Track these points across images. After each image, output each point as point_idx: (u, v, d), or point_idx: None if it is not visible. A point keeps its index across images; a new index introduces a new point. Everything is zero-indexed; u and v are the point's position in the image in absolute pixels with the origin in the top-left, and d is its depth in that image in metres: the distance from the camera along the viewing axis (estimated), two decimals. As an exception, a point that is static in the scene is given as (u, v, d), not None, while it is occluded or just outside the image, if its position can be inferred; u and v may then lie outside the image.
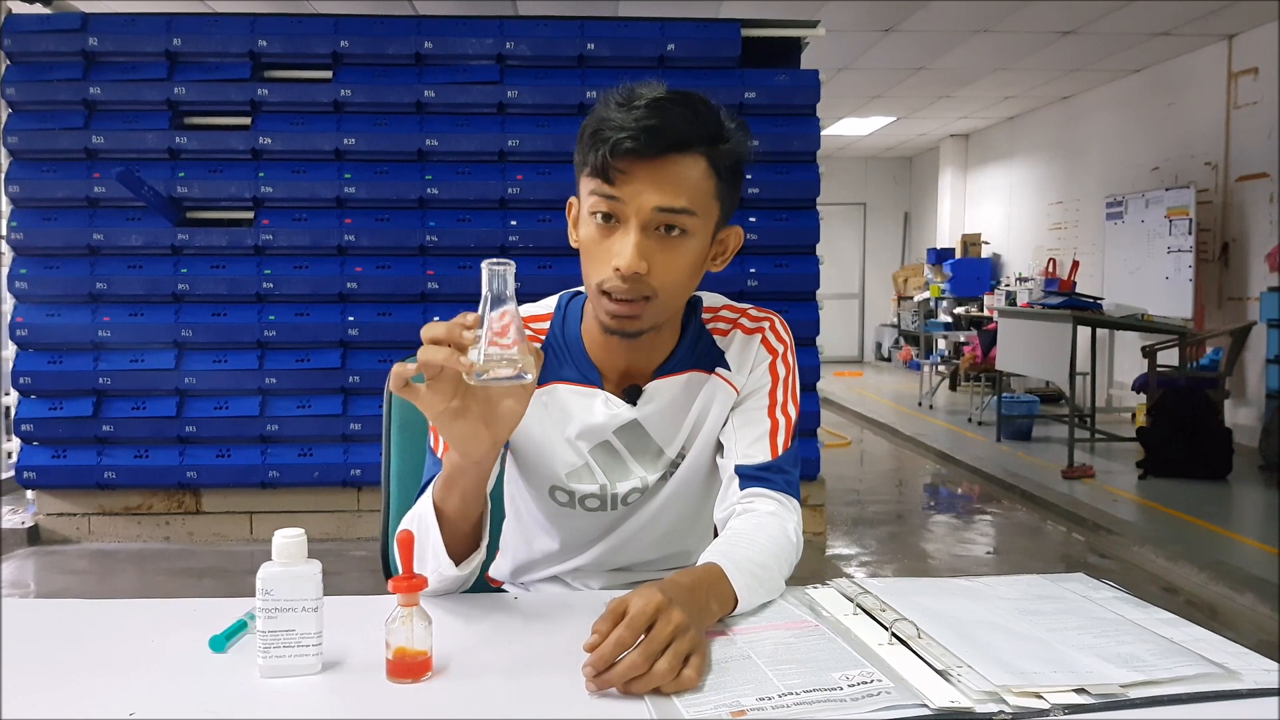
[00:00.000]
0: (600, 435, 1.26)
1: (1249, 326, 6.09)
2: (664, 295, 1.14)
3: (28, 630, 1.07)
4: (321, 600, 0.95)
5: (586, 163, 1.13)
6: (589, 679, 0.89)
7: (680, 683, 0.89)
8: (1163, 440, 5.50)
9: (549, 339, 1.27)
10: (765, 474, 1.23)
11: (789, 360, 1.30)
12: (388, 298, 4.50)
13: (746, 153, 1.18)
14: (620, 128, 1.08)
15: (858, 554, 4.52)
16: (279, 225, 4.47)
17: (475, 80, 4.49)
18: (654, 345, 1.25)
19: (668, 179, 1.10)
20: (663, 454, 1.28)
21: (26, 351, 4.43)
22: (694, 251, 1.15)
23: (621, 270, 1.10)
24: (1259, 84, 6.43)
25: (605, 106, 1.12)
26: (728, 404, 1.28)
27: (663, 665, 0.89)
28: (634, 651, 0.89)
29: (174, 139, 4.44)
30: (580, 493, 1.28)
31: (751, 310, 1.32)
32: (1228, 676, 0.91)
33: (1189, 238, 6.74)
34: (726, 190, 1.17)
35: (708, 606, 1.01)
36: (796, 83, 4.57)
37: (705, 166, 1.13)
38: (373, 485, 4.45)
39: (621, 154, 1.09)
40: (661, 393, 1.26)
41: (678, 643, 0.90)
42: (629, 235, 1.11)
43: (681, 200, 1.11)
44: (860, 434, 7.78)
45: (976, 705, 0.85)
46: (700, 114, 1.12)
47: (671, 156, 1.10)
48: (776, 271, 4.54)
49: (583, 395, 1.25)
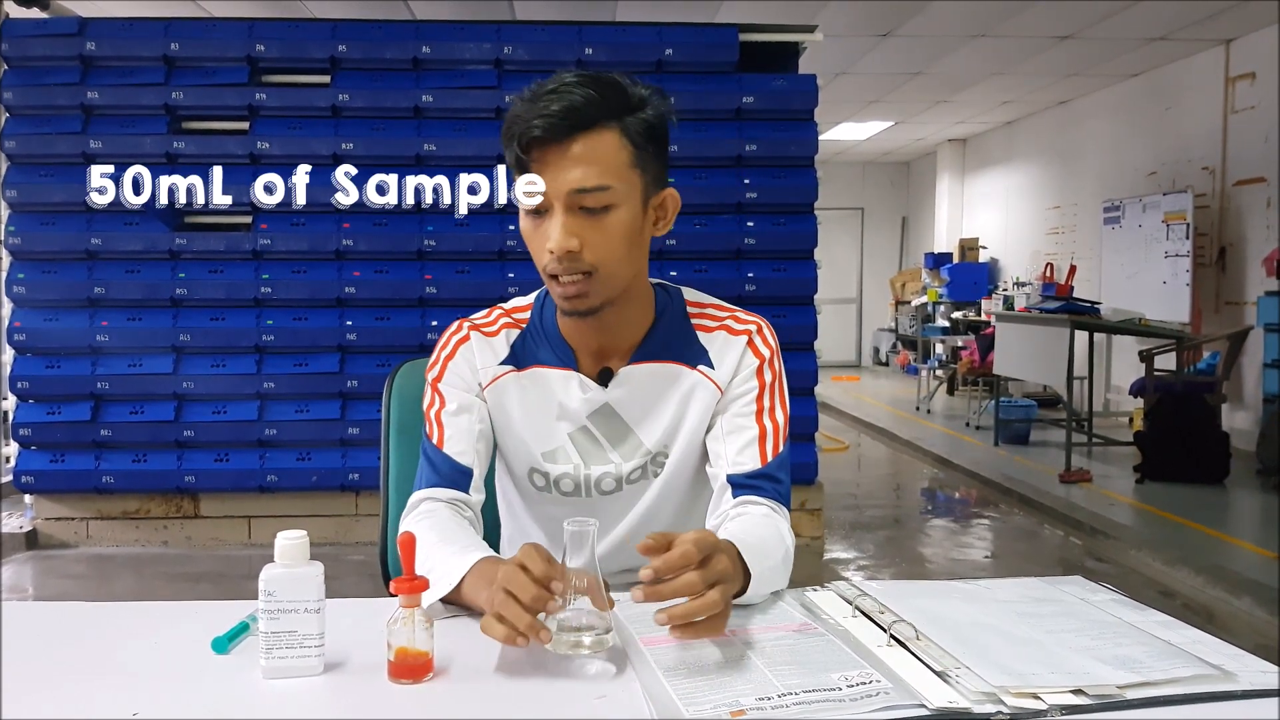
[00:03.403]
0: (577, 419, 1.28)
1: (1246, 331, 6.10)
2: (604, 268, 1.17)
3: (30, 633, 1.07)
4: (324, 601, 0.95)
5: (509, 161, 1.18)
6: (645, 590, 0.91)
7: (713, 624, 0.93)
8: (1160, 444, 5.50)
9: (529, 326, 1.32)
10: (756, 482, 1.25)
11: (776, 366, 1.31)
12: (386, 302, 4.51)
13: (662, 118, 1.20)
14: (527, 120, 1.13)
15: (855, 558, 4.52)
16: (277, 230, 4.47)
17: (473, 85, 4.50)
18: (622, 325, 1.27)
19: (579, 159, 1.13)
20: (641, 445, 1.29)
21: (24, 356, 4.42)
22: (624, 222, 1.17)
23: (554, 251, 1.14)
24: (1256, 89, 6.44)
25: (516, 103, 1.16)
26: (710, 403, 1.29)
27: (714, 595, 0.92)
28: (694, 573, 0.92)
29: (171, 143, 4.44)
30: (554, 474, 1.30)
31: (740, 313, 1.33)
32: (1224, 678, 0.92)
33: (1186, 242, 6.75)
34: (646, 157, 1.18)
35: (738, 574, 1.03)
36: (794, 87, 4.58)
37: (617, 139, 1.15)
38: (371, 489, 4.45)
39: (532, 144, 1.13)
40: (635, 377, 1.28)
41: (724, 585, 0.94)
42: (556, 218, 1.15)
43: (595, 178, 1.14)
44: (858, 438, 7.78)
45: (974, 706, 0.86)
46: (604, 90, 1.15)
47: (579, 137, 1.13)
48: (774, 276, 4.55)
49: (559, 377, 1.29)
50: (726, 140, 4.53)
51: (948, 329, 10.12)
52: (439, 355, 1.31)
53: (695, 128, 4.53)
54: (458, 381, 1.29)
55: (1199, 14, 6.08)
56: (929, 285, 10.88)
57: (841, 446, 7.29)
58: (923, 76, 7.90)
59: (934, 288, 10.65)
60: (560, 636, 0.93)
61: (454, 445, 1.26)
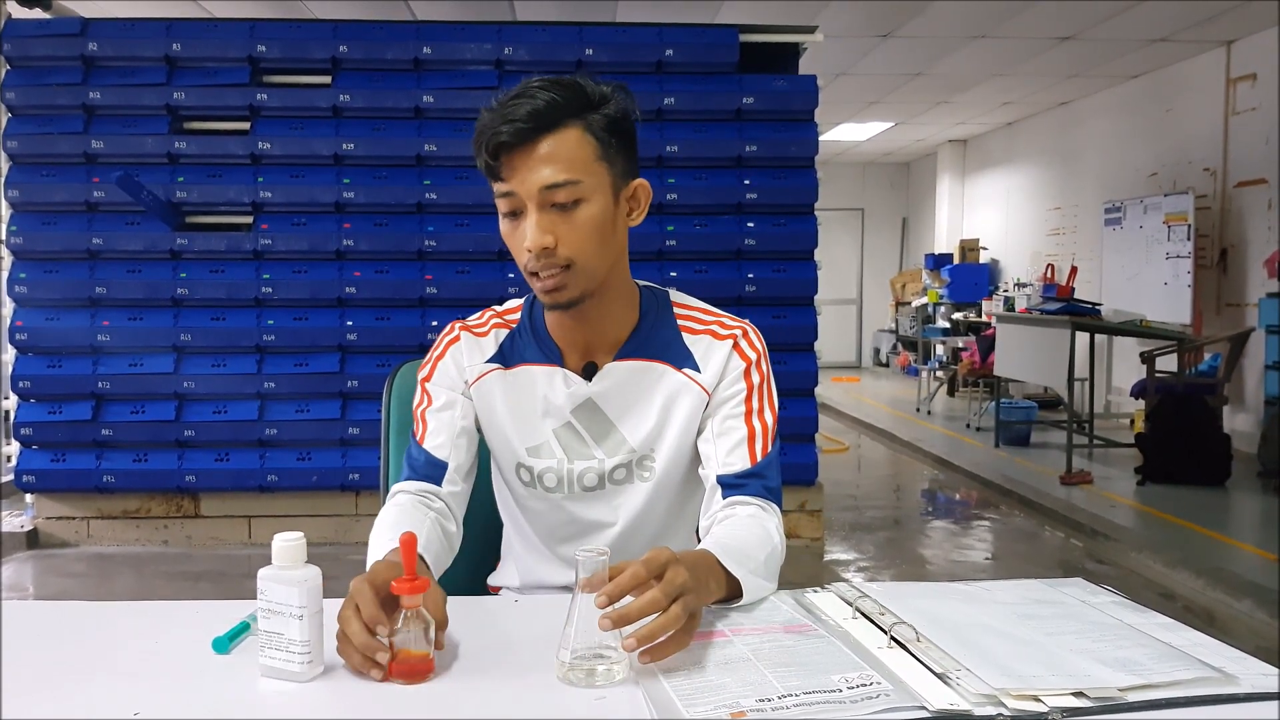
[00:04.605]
0: (561, 415, 1.31)
1: (1248, 332, 6.10)
2: (580, 260, 1.20)
3: (31, 632, 1.07)
4: (316, 607, 0.94)
5: (481, 169, 1.21)
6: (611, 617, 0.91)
7: (679, 640, 0.94)
8: (1161, 446, 5.50)
9: (518, 326, 1.35)
10: (745, 481, 1.26)
11: (763, 368, 1.32)
12: (386, 302, 4.51)
13: (625, 113, 1.23)
14: (493, 128, 1.16)
15: (855, 559, 4.52)
16: (278, 230, 4.48)
17: (474, 85, 4.50)
18: (605, 321, 1.29)
19: (546, 159, 1.17)
20: (625, 442, 1.31)
21: (26, 355, 4.43)
22: (595, 215, 1.20)
23: (530, 249, 1.18)
24: (1257, 90, 6.44)
25: (483, 113, 1.19)
26: (697, 407, 1.30)
27: (676, 609, 0.93)
28: (655, 589, 0.93)
29: (173, 144, 4.45)
30: (538, 469, 1.32)
31: (726, 318, 1.35)
32: (1225, 680, 0.92)
33: (1187, 243, 6.75)
34: (612, 151, 1.21)
35: (706, 583, 1.04)
36: (794, 88, 4.58)
37: (579, 135, 1.18)
38: (371, 489, 4.45)
39: (500, 150, 1.17)
40: (619, 373, 1.30)
41: (686, 597, 0.94)
42: (530, 217, 1.18)
43: (563, 174, 1.17)
44: (858, 439, 7.78)
45: (975, 708, 0.85)
46: (564, 91, 1.18)
47: (543, 138, 1.16)
48: (774, 276, 4.55)
49: (545, 373, 1.31)
50: (727, 141, 4.53)
51: (948, 330, 10.11)
52: (431, 357, 1.35)
53: (695, 128, 4.53)
54: (444, 380, 1.33)
55: (1200, 15, 6.08)
56: (929, 286, 10.87)
57: (841, 447, 7.29)
58: (923, 77, 7.90)
59: (934, 289, 10.64)
60: (575, 667, 0.93)
61: (432, 440, 1.29)
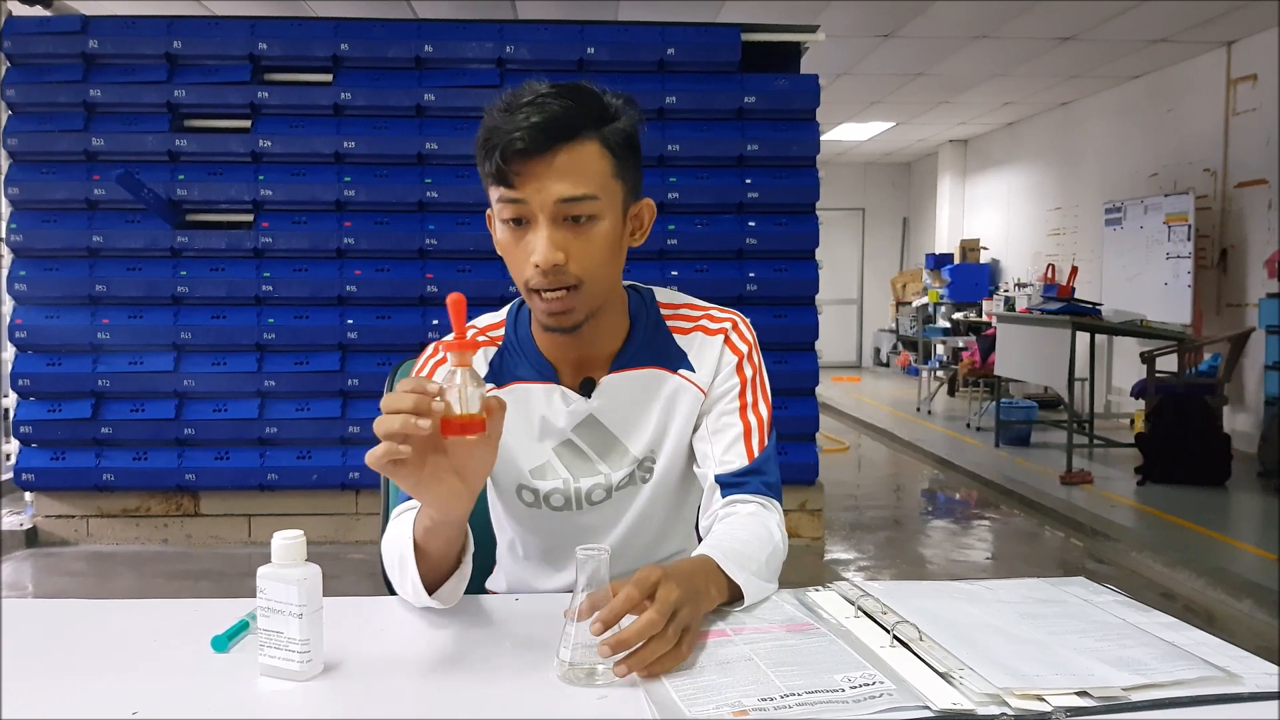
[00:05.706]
0: (562, 434, 1.27)
1: (1248, 333, 6.10)
2: (589, 280, 1.16)
3: (30, 630, 1.07)
4: (315, 605, 0.94)
5: (487, 172, 1.15)
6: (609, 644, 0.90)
7: (676, 654, 0.93)
8: (1161, 446, 5.50)
9: (504, 343, 1.30)
10: (744, 478, 1.25)
11: (755, 360, 1.30)
12: (387, 301, 4.51)
13: (636, 127, 1.20)
14: (508, 132, 1.10)
15: (856, 559, 4.52)
16: (278, 228, 4.47)
17: (475, 84, 4.50)
18: (600, 335, 1.26)
19: (564, 170, 1.12)
20: (629, 452, 1.28)
21: (25, 353, 4.42)
22: (607, 234, 1.17)
23: (540, 265, 1.12)
24: (1258, 90, 6.44)
25: (491, 114, 1.14)
26: (694, 406, 1.28)
27: (670, 631, 0.92)
28: (650, 611, 0.92)
29: (174, 141, 4.44)
30: (544, 490, 1.29)
31: (714, 311, 1.33)
32: (1229, 680, 0.92)
33: (1188, 244, 6.75)
34: (624, 167, 1.18)
35: (706, 591, 1.03)
36: (796, 87, 4.58)
37: (598, 149, 1.14)
38: (371, 488, 4.45)
39: (514, 156, 1.11)
40: (617, 386, 1.27)
41: (680, 613, 0.94)
42: (540, 230, 1.13)
43: (581, 188, 1.13)
44: (858, 439, 7.78)
45: (978, 708, 0.85)
46: (582, 101, 1.14)
47: (562, 147, 1.12)
48: (775, 276, 4.54)
49: (541, 391, 1.27)
50: (728, 140, 4.52)
51: (948, 330, 10.11)
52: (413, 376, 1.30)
53: (697, 127, 4.53)
54: None
55: (1200, 16, 6.08)
56: (930, 286, 10.88)
57: (842, 447, 7.29)
58: (924, 77, 7.90)
59: (935, 288, 10.64)
60: (576, 666, 0.92)
61: None
